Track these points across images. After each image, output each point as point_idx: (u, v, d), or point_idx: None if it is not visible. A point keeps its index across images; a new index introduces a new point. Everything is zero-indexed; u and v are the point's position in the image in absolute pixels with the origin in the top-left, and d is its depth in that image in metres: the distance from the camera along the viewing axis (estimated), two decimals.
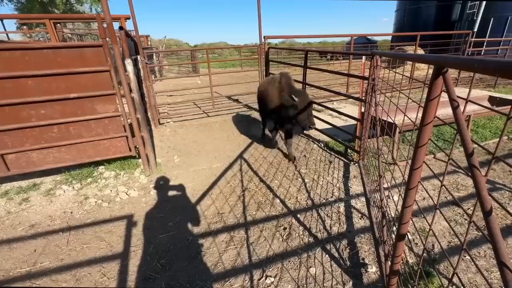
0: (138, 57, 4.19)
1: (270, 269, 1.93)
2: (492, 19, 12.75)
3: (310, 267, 1.93)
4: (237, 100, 7.29)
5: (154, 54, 11.40)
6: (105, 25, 2.69)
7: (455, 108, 0.90)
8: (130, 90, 3.04)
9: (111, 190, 3.04)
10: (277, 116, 3.52)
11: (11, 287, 1.88)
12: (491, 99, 4.51)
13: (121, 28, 3.16)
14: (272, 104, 3.51)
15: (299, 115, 3.13)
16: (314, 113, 4.87)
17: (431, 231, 1.11)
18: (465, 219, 2.34)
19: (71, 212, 2.69)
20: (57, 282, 1.90)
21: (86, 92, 2.83)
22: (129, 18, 4.58)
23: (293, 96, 3.08)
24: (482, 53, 10.36)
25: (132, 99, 3.06)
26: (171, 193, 3.01)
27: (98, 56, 2.76)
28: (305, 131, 3.91)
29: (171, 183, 3.21)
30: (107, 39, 2.73)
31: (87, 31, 13.44)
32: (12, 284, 1.90)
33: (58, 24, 6.96)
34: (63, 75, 2.70)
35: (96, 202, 2.84)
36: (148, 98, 4.58)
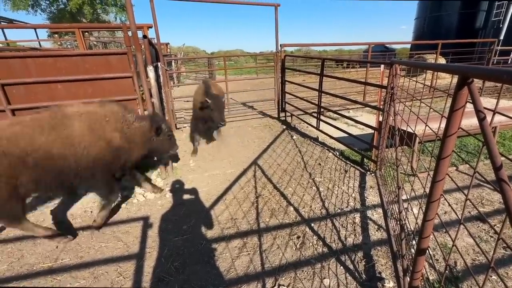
0: (159, 64, 4.35)
1: (283, 278, 1.91)
2: None
3: (324, 278, 1.88)
4: (252, 107, 7.35)
5: (173, 61, 11.79)
6: (130, 34, 2.83)
7: (481, 120, 0.87)
8: (151, 95, 3.16)
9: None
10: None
11: (10, 287, 1.96)
12: None
13: (144, 37, 3.31)
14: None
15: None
16: (330, 121, 4.85)
17: (454, 247, 1.06)
18: (491, 236, 2.22)
19: (91, 212, 2.80)
20: (76, 279, 1.97)
21: (110, 96, 2.97)
22: (151, 27, 4.78)
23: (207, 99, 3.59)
24: (509, 62, 9.90)
25: (152, 104, 3.18)
26: (186, 196, 3.06)
27: (122, 63, 2.90)
28: None
29: (186, 186, 3.27)
30: (132, 47, 2.87)
31: (111, 39, 14.15)
32: (35, 278, 1.99)
33: (86, 33, 7.39)
34: (90, 81, 2.86)
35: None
36: (166, 103, 4.72)
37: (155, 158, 3.25)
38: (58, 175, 2.18)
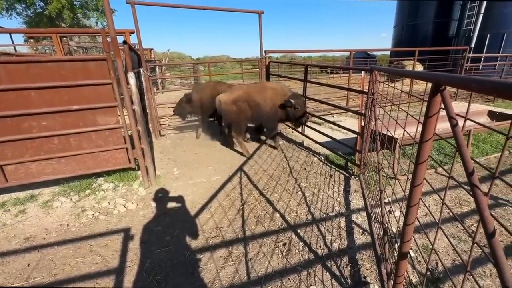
0: (141, 70, 4.26)
1: (269, 287, 1.87)
2: (488, 35, 13.04)
3: (310, 285, 1.87)
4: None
5: (157, 66, 11.62)
6: (109, 40, 2.75)
7: (454, 126, 0.90)
8: (132, 102, 3.07)
9: (109, 203, 3.01)
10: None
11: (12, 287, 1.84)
12: (490, 114, 4.53)
13: (124, 42, 3.23)
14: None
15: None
16: (315, 126, 4.93)
17: (434, 250, 1.08)
18: (469, 236, 2.29)
19: (68, 225, 2.65)
20: None
21: (88, 104, 2.86)
22: (133, 33, 4.69)
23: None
24: (480, 68, 10.52)
25: (133, 111, 3.09)
26: (170, 206, 2.97)
27: (102, 69, 2.80)
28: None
29: (170, 195, 3.18)
30: (111, 52, 2.79)
31: (93, 44, 13.78)
32: None
33: (64, 38, 7.14)
34: (66, 87, 2.74)
35: (93, 214, 2.80)
36: (149, 110, 4.61)
37: (294, 121, 4.42)
38: (259, 115, 4.19)
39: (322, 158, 4.04)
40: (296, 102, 4.00)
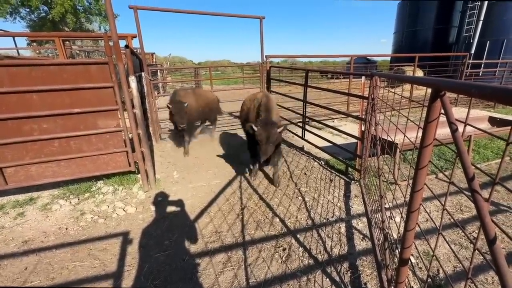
0: (143, 74, 4.29)
1: None
2: (488, 42, 13.12)
3: None
4: (238, 117, 7.34)
5: (158, 71, 11.69)
6: (111, 44, 2.77)
7: (454, 131, 0.90)
8: (133, 106, 3.08)
9: (108, 206, 3.00)
10: None
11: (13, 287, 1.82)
12: (491, 120, 4.53)
13: (126, 46, 3.26)
14: None
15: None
16: (315, 130, 4.91)
17: (434, 256, 1.07)
18: (470, 242, 2.27)
19: (66, 228, 2.64)
20: None
21: (89, 107, 2.87)
22: (135, 37, 4.73)
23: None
24: (480, 74, 10.55)
25: (134, 115, 3.10)
26: (169, 209, 2.96)
27: (103, 73, 2.82)
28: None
29: (169, 199, 3.17)
30: (113, 56, 2.81)
31: (95, 48, 13.90)
32: None
33: (67, 42, 7.21)
34: (68, 91, 2.75)
35: (92, 218, 2.79)
36: (150, 114, 4.63)
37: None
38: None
39: (322, 163, 4.04)
40: (259, 133, 2.77)
